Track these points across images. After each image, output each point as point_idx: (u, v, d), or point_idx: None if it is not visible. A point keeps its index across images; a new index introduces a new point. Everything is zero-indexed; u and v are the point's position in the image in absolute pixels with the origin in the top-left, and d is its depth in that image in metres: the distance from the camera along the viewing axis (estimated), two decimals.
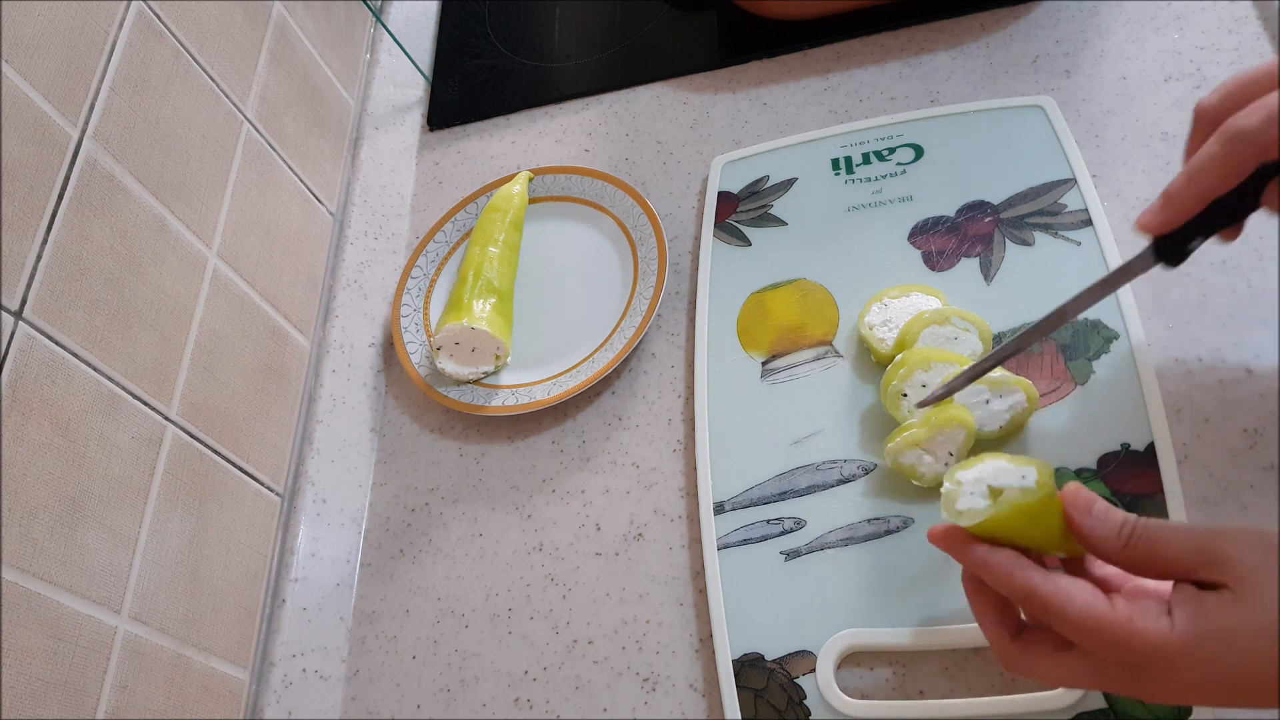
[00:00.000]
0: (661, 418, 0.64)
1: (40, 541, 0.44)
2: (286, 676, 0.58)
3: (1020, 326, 0.57)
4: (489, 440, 0.67)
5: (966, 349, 0.56)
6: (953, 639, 0.50)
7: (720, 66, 0.78)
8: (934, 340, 0.56)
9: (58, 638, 0.44)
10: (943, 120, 0.68)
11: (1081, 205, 0.61)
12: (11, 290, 0.45)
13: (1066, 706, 0.47)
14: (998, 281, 0.60)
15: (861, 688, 0.51)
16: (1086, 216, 0.60)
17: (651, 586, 0.59)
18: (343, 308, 0.71)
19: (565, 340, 0.68)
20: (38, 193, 0.47)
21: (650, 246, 0.69)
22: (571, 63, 0.84)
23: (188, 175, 0.58)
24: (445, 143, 0.83)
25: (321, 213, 0.73)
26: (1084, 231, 0.60)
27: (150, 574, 0.50)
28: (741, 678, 0.52)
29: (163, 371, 0.53)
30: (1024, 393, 0.53)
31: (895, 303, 0.60)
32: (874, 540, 0.54)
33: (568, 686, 0.57)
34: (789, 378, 0.61)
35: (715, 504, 0.58)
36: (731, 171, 0.71)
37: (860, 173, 0.67)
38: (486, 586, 0.62)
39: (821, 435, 0.58)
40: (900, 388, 0.55)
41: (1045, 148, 0.64)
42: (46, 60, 0.49)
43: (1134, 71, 0.66)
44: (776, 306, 0.64)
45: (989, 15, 0.72)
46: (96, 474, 0.48)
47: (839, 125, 0.70)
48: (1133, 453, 0.52)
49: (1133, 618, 0.37)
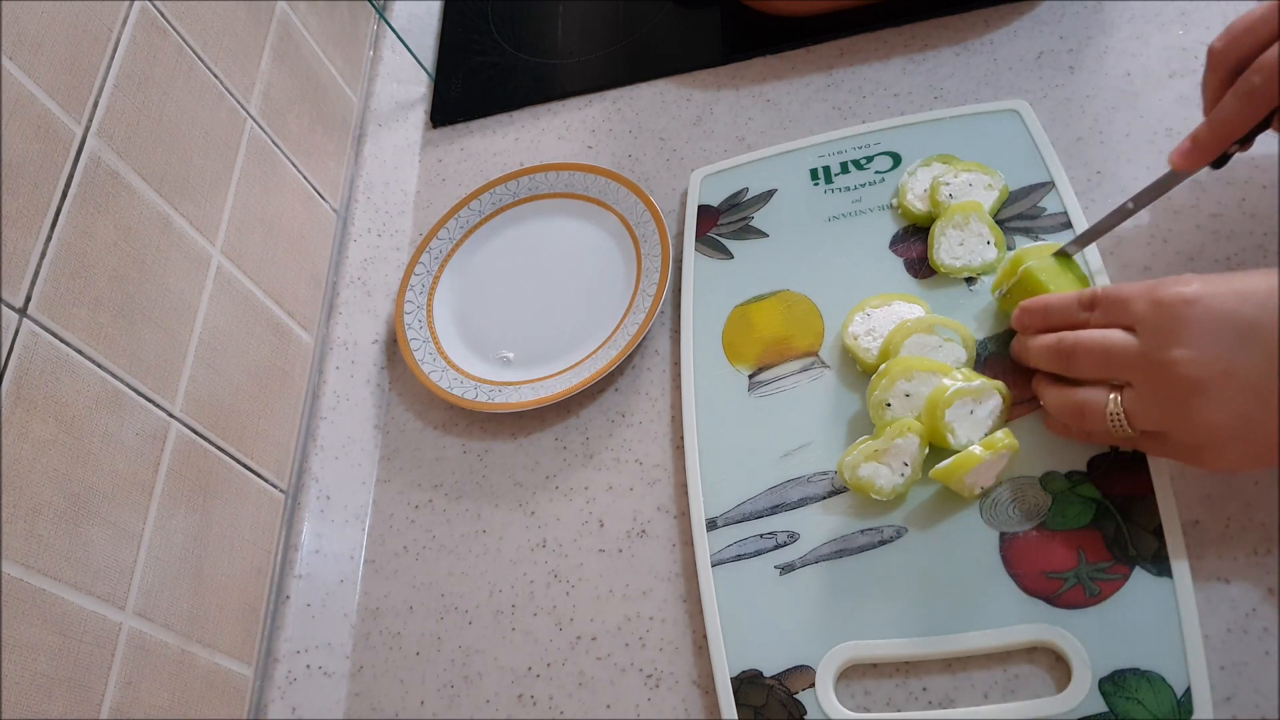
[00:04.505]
0: (665, 414, 0.64)
1: (45, 538, 0.44)
2: (290, 673, 0.58)
3: (1003, 333, 0.57)
4: (492, 437, 0.67)
5: (950, 357, 0.56)
6: (952, 647, 0.50)
7: (724, 63, 0.78)
8: (918, 349, 0.56)
9: (63, 634, 0.44)
10: (920, 127, 0.68)
11: (1060, 208, 0.61)
12: (16, 287, 0.45)
13: (1067, 710, 0.47)
14: (980, 288, 0.60)
15: (862, 701, 0.51)
16: (1066, 219, 0.60)
17: (654, 583, 0.59)
18: (346, 304, 0.71)
19: (569, 337, 0.68)
20: (42, 190, 0.47)
21: (653, 243, 0.69)
22: (575, 59, 0.84)
23: (191, 172, 0.58)
24: (448, 139, 0.83)
25: (325, 210, 0.73)
26: (1064, 234, 0.60)
27: (154, 570, 0.50)
28: (740, 695, 0.52)
29: (167, 368, 0.53)
30: (999, 395, 0.54)
31: (878, 312, 0.60)
32: (868, 551, 0.54)
33: (571, 683, 0.57)
34: (776, 390, 0.61)
35: (707, 520, 0.58)
36: (711, 184, 0.71)
37: (839, 182, 0.67)
38: (490, 583, 0.62)
39: (812, 447, 0.58)
40: (884, 397, 0.55)
41: (1022, 152, 0.64)
42: (50, 57, 0.49)
43: (1138, 67, 0.66)
44: (761, 319, 0.64)
45: (993, 11, 0.72)
46: (101, 470, 0.48)
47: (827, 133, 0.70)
48: (1123, 454, 0.52)
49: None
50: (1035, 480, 0.53)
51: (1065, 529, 0.51)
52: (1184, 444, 0.47)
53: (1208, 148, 0.52)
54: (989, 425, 0.54)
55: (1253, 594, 0.48)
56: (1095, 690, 0.47)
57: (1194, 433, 0.46)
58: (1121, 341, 0.47)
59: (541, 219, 0.75)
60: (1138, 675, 0.47)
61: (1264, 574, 0.48)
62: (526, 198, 0.76)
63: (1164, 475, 0.51)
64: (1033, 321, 0.53)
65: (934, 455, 0.54)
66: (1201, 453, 0.47)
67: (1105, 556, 0.50)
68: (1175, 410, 0.46)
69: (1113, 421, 0.48)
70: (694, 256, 0.68)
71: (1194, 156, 0.52)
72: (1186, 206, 0.59)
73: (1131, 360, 0.47)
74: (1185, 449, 0.47)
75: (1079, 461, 0.52)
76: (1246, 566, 0.49)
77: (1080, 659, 0.48)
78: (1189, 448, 0.47)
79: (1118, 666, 0.47)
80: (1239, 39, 0.50)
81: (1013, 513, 0.52)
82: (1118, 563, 0.49)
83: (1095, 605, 0.49)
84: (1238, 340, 0.44)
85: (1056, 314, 0.52)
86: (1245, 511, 0.50)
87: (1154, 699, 0.46)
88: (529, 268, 0.73)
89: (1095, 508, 0.51)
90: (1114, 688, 0.47)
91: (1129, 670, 0.47)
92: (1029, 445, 0.53)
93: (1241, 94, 0.50)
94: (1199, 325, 0.45)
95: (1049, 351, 0.51)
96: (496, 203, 0.76)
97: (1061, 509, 0.52)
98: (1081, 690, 0.47)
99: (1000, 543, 0.52)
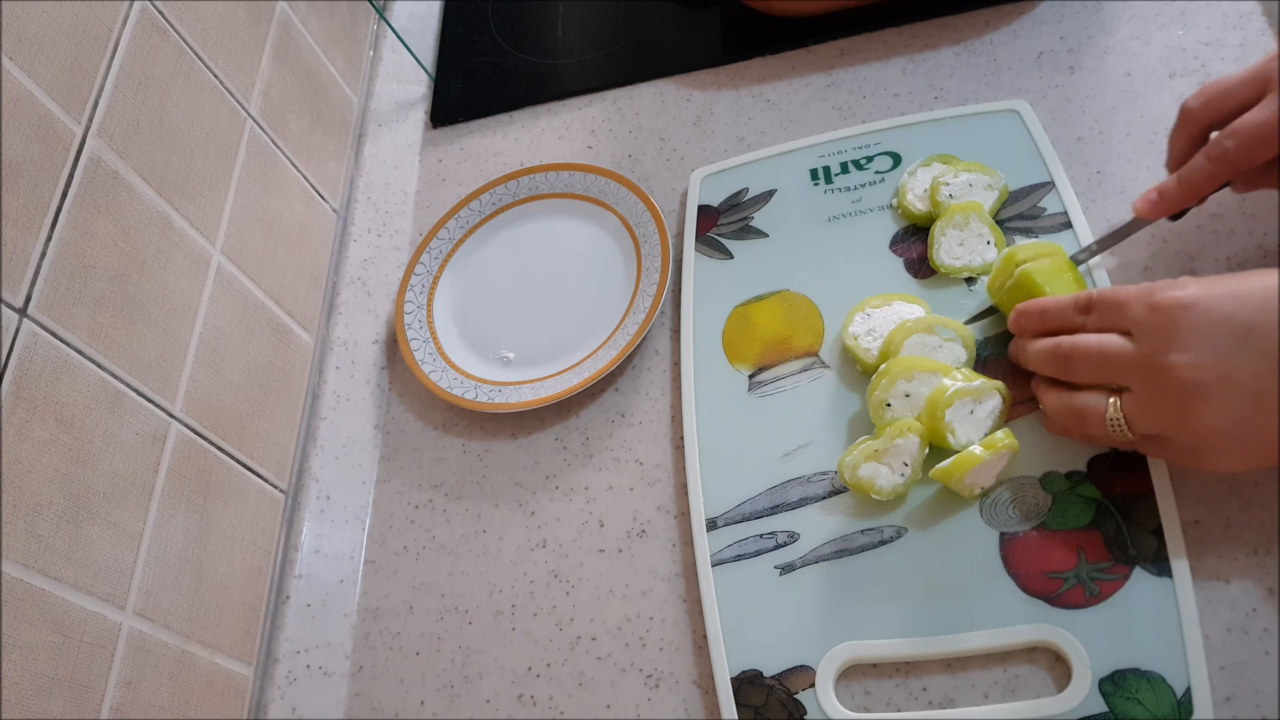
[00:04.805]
0: (665, 414, 0.64)
1: (45, 538, 0.44)
2: (290, 673, 0.58)
3: (1003, 333, 0.57)
4: (492, 437, 0.67)
5: (950, 357, 0.56)
6: (952, 647, 0.50)
7: (724, 63, 0.78)
8: (918, 349, 0.56)
9: (63, 634, 0.44)
10: (920, 127, 0.68)
11: (1061, 208, 0.61)
12: (16, 287, 0.45)
13: (1067, 710, 0.47)
14: (979, 288, 0.60)
15: (862, 701, 0.51)
16: (1066, 219, 0.60)
17: (654, 583, 0.59)
18: (346, 305, 0.71)
19: (569, 337, 0.68)
20: (42, 190, 0.47)
21: (653, 243, 0.69)
22: (575, 59, 0.84)
23: (191, 172, 0.58)
24: (448, 139, 0.83)
25: (325, 210, 0.73)
26: (1064, 234, 0.60)
27: (155, 570, 0.50)
28: (740, 695, 0.52)
29: (167, 368, 0.53)
30: (999, 395, 0.54)
31: (878, 312, 0.60)
32: (869, 551, 0.54)
33: (571, 683, 0.57)
34: (777, 390, 0.61)
35: (707, 520, 0.58)
36: (711, 184, 0.71)
37: (839, 182, 0.67)
38: (490, 583, 0.62)
39: (812, 447, 0.58)
40: (884, 397, 0.55)
41: (1022, 152, 0.64)
42: (50, 57, 0.49)
43: (1138, 68, 0.66)
44: (761, 319, 0.64)
45: (993, 11, 0.72)
46: (101, 470, 0.48)
47: (827, 133, 0.70)
48: (1122, 455, 0.52)
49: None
50: (1035, 480, 0.53)
51: (1065, 529, 0.51)
52: (1183, 447, 0.47)
53: (1173, 203, 0.54)
54: (989, 425, 0.54)
55: (1253, 594, 0.48)
56: (1095, 690, 0.47)
57: (1193, 436, 0.46)
58: (1119, 347, 0.47)
59: (541, 219, 0.75)
60: (1138, 675, 0.47)
61: (1264, 574, 0.48)
62: (526, 198, 0.76)
63: (1164, 475, 0.51)
64: (1029, 324, 0.53)
65: (934, 455, 0.54)
66: (1201, 455, 0.47)
67: (1105, 556, 0.50)
68: (1174, 414, 0.46)
69: (1112, 426, 0.48)
70: (694, 256, 0.68)
71: (1159, 209, 0.54)
72: None
73: (1129, 365, 0.47)
74: (1185, 451, 0.47)
75: (1079, 461, 0.52)
76: (1246, 566, 0.49)
77: (1080, 659, 0.48)
78: (1188, 450, 0.47)
79: (1118, 666, 0.47)
80: (1214, 102, 0.51)
81: (1013, 513, 0.52)
82: (1118, 563, 0.49)
83: (1095, 605, 0.49)
84: (1236, 343, 0.44)
85: (1053, 317, 0.52)
86: (1245, 511, 0.50)
87: (1154, 699, 0.46)
88: (529, 268, 0.73)
89: (1095, 508, 0.51)
90: (1114, 688, 0.47)
91: (1129, 670, 0.47)
92: (1029, 445, 0.53)
93: (1213, 156, 0.51)
94: (1196, 329, 0.45)
95: (1047, 356, 0.51)
96: (496, 203, 0.76)
97: (1061, 509, 0.52)
98: (1081, 690, 0.47)
99: (1000, 543, 0.52)
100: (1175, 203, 0.54)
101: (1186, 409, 0.45)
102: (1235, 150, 0.50)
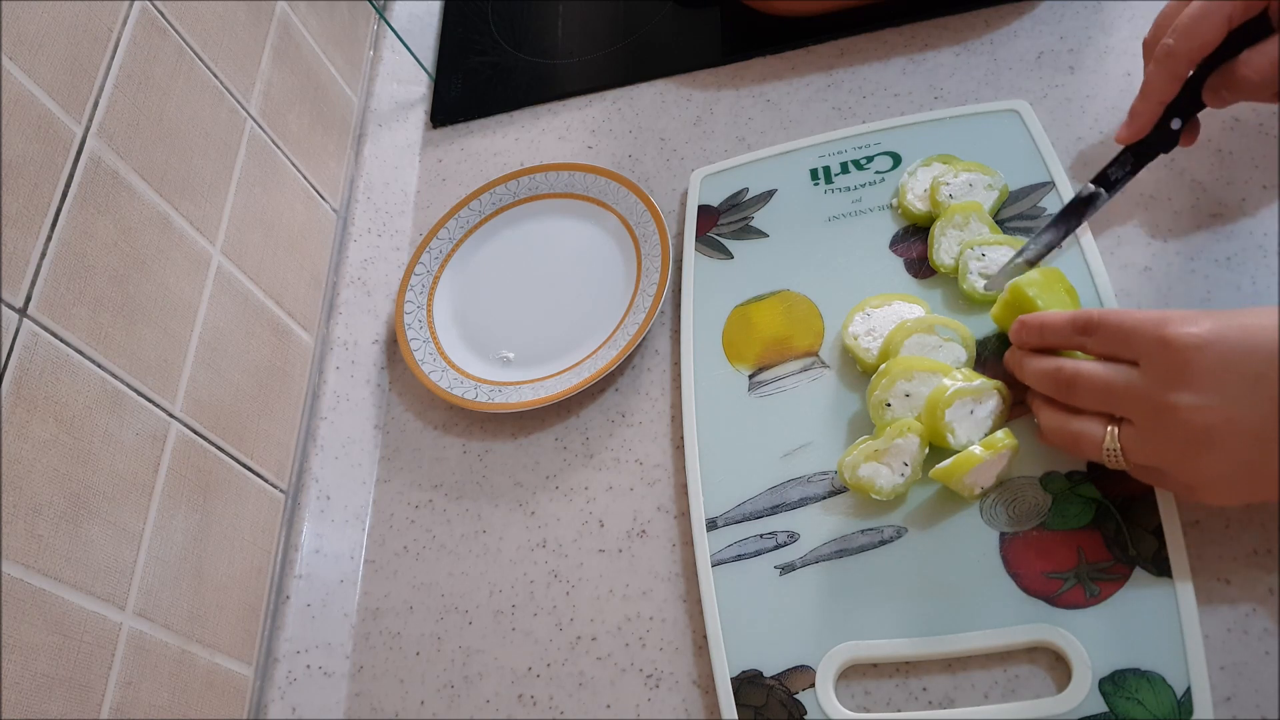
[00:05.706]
0: (665, 414, 0.64)
1: (45, 538, 0.44)
2: (290, 673, 0.58)
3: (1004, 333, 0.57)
4: (492, 437, 0.67)
5: (950, 357, 0.56)
6: (952, 647, 0.50)
7: (724, 63, 0.78)
8: (918, 349, 0.56)
9: (63, 634, 0.44)
10: (920, 127, 0.68)
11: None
12: (16, 287, 0.45)
13: (1067, 710, 0.47)
14: None
15: (862, 701, 0.51)
16: None
17: (654, 583, 0.59)
18: (346, 305, 0.71)
19: (569, 337, 0.68)
20: (42, 190, 0.47)
21: (653, 243, 0.69)
22: (575, 59, 0.84)
23: (191, 172, 0.58)
24: (448, 139, 0.83)
25: (325, 210, 0.73)
26: None
27: (155, 570, 0.50)
28: (740, 695, 0.52)
29: (167, 368, 0.53)
30: (999, 395, 0.54)
31: (878, 312, 0.60)
32: (869, 551, 0.54)
33: (571, 683, 0.57)
34: (777, 390, 0.61)
35: (707, 520, 0.58)
36: (711, 184, 0.71)
37: (839, 182, 0.67)
38: (490, 583, 0.62)
39: (812, 447, 0.58)
40: (884, 397, 0.55)
41: (1022, 152, 0.64)
42: (50, 57, 0.49)
43: (1138, 68, 0.66)
44: (761, 319, 0.64)
45: (993, 12, 0.72)
46: (101, 470, 0.48)
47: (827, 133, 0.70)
48: None
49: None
50: (1035, 480, 0.53)
51: (1065, 529, 0.51)
52: (1181, 482, 0.47)
53: (1142, 115, 0.56)
54: (989, 425, 0.54)
55: (1253, 594, 0.48)
56: (1095, 690, 0.47)
57: (1193, 475, 0.45)
58: (1124, 380, 0.46)
59: (541, 219, 0.75)
60: (1138, 675, 0.47)
61: (1264, 574, 0.48)
62: (526, 198, 0.76)
63: None
64: (1029, 339, 0.52)
65: (934, 455, 0.54)
66: (1197, 491, 0.46)
67: (1105, 556, 0.50)
68: (1175, 453, 0.45)
69: (1109, 455, 0.48)
70: (694, 256, 0.68)
71: (1134, 127, 0.57)
72: (1187, 207, 0.59)
73: (1134, 399, 0.46)
74: (1182, 486, 0.47)
75: (1079, 462, 0.52)
76: (1246, 566, 0.49)
77: (1080, 659, 0.48)
78: (1186, 485, 0.46)
79: (1118, 666, 0.47)
80: (1161, 24, 0.55)
81: (1013, 513, 0.52)
82: (1118, 563, 0.49)
83: (1095, 605, 0.49)
84: (1246, 389, 0.43)
85: (1052, 334, 0.51)
86: (1245, 511, 0.50)
87: (1154, 699, 0.46)
88: (529, 268, 0.73)
89: (1095, 508, 0.51)
90: (1114, 688, 0.47)
91: (1129, 670, 0.47)
92: (1029, 445, 0.53)
93: (1160, 58, 0.54)
94: (1208, 372, 0.43)
95: (1047, 378, 0.50)
96: (496, 203, 0.76)
97: (1061, 509, 0.52)
98: (1081, 690, 0.47)
99: (1000, 543, 0.52)
100: (1145, 116, 0.56)
101: (1188, 449, 0.44)
102: (1177, 42, 0.53)
